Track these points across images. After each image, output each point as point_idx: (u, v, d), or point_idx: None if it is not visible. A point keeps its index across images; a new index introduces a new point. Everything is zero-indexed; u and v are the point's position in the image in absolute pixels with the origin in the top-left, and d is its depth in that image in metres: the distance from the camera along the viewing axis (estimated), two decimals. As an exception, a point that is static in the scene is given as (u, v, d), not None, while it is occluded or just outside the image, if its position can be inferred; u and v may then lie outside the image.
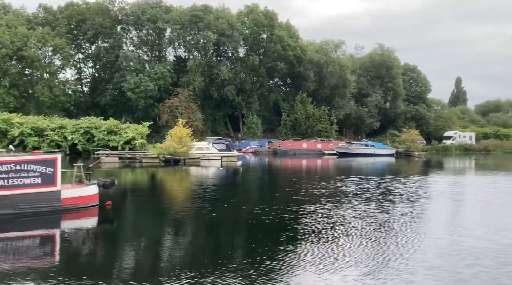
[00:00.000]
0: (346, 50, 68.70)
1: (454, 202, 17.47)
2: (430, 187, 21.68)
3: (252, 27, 62.59)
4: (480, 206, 16.21)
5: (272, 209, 14.44)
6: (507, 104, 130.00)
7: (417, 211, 14.54)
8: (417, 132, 55.83)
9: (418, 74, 78.79)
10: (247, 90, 61.86)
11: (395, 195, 18.10)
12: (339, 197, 17.43)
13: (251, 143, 56.53)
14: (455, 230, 11.91)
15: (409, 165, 41.12)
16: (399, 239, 10.63)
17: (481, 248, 9.82)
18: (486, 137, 71.80)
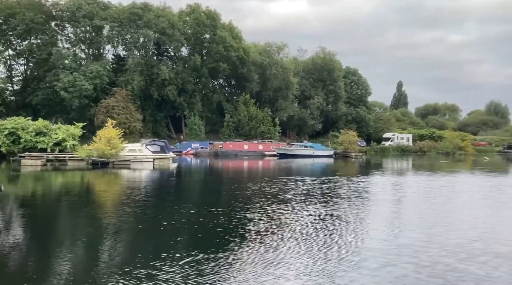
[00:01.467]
0: (289, 53, 69.60)
1: (389, 202, 17.65)
2: (356, 187, 21.93)
3: (194, 27, 61.71)
4: (411, 204, 16.49)
5: (203, 212, 13.87)
6: (444, 107, 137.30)
7: (341, 211, 14.49)
8: (355, 133, 57.20)
9: (359, 77, 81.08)
10: (189, 90, 60.83)
11: (330, 195, 18.07)
12: (277, 198, 17.22)
13: (193, 144, 55.59)
14: (391, 229, 11.88)
15: (345, 166, 41.92)
16: (338, 240, 10.60)
17: (425, 247, 9.79)
18: (422, 138, 74.93)
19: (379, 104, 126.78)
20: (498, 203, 17.62)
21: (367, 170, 37.74)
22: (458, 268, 8.56)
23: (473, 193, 20.66)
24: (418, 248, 10.01)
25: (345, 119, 75.94)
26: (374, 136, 76.94)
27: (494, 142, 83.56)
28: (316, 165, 41.76)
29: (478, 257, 9.38)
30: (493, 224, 13.18)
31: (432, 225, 12.84)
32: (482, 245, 10.39)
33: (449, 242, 10.56)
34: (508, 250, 10.03)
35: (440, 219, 13.73)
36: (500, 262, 9.01)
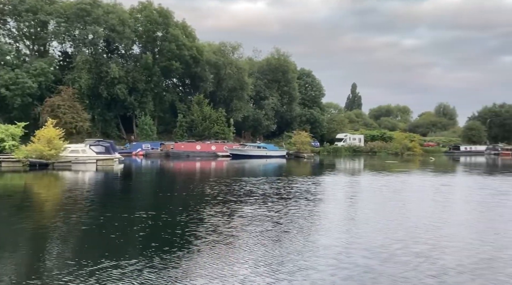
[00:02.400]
0: (243, 53, 69.21)
1: (326, 203, 17.56)
2: (298, 187, 21.84)
3: (146, 25, 60.15)
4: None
5: (131, 216, 13.12)
6: (396, 109, 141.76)
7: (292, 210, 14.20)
8: (307, 134, 57.69)
9: (313, 79, 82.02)
10: (141, 89, 59.16)
11: (270, 196, 17.77)
12: (216, 200, 16.82)
13: (143, 145, 54.10)
14: (318, 230, 11.63)
15: (295, 166, 42.12)
16: (262, 242, 10.32)
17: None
18: (373, 139, 76.71)
19: (334, 106, 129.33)
20: (432, 202, 18.01)
21: (315, 170, 38.05)
22: (376, 270, 8.44)
23: (410, 193, 21.08)
24: (341, 249, 9.87)
25: (300, 120, 76.53)
26: (328, 137, 78.01)
27: (442, 143, 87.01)
28: (268, 166, 41.70)
29: (399, 257, 9.34)
30: (422, 223, 13.34)
31: (362, 225, 12.82)
32: (405, 244, 10.39)
33: (373, 243, 10.50)
34: (429, 248, 10.07)
35: (370, 219, 13.77)
36: (420, 262, 8.99)
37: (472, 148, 76.55)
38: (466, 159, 61.25)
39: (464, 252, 9.91)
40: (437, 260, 9.18)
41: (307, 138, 56.57)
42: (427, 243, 10.64)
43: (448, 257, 9.43)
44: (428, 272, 8.36)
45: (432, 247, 10.22)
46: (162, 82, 64.45)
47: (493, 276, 8.27)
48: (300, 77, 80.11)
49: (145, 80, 60.18)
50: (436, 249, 10.11)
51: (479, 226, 13.11)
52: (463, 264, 8.96)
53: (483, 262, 9.11)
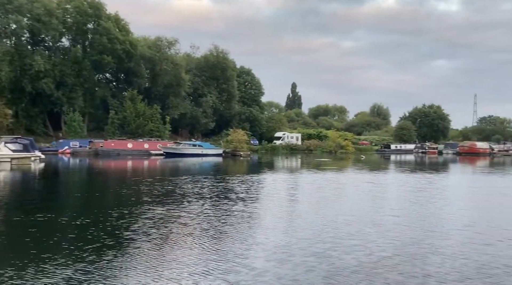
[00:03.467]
0: (180, 48, 67.78)
1: (241, 201, 17.08)
2: (224, 186, 21.33)
3: (76, 16, 57.02)
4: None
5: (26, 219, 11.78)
6: (333, 108, 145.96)
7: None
8: (243, 132, 57.51)
9: (253, 77, 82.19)
10: (69, 84, 56.03)
11: (188, 195, 17.00)
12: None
13: (71, 143, 51.23)
14: (215, 232, 11.00)
15: (229, 165, 41.69)
16: (159, 244, 9.58)
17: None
18: (310, 137, 78.27)
19: (275, 105, 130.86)
20: (350, 199, 18.19)
21: (248, 168, 37.84)
22: (270, 272, 8.04)
23: (333, 190, 21.26)
24: (242, 251, 9.40)
25: (239, 118, 76.36)
26: (267, 135, 78.55)
27: (375, 142, 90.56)
28: (203, 165, 40.97)
29: (297, 258, 9.03)
30: (333, 221, 13.27)
31: (272, 224, 12.50)
32: (307, 244, 10.14)
33: (279, 243, 10.17)
34: (325, 248, 9.88)
35: (284, 217, 13.51)
36: (313, 263, 8.72)
37: (402, 147, 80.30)
38: (396, 157, 64.03)
39: (366, 251, 9.81)
40: (337, 260, 8.97)
41: (243, 137, 56.38)
42: (331, 241, 10.47)
43: (347, 257, 9.26)
44: (322, 273, 8.09)
45: (334, 246, 10.04)
46: (93, 77, 61.49)
47: (387, 275, 8.16)
48: (239, 75, 79.95)
49: (75, 74, 57.08)
50: (338, 248, 9.94)
51: (388, 224, 13.24)
52: (361, 263, 8.81)
53: (382, 261, 9.02)
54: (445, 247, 10.32)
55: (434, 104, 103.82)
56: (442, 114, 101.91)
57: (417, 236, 11.46)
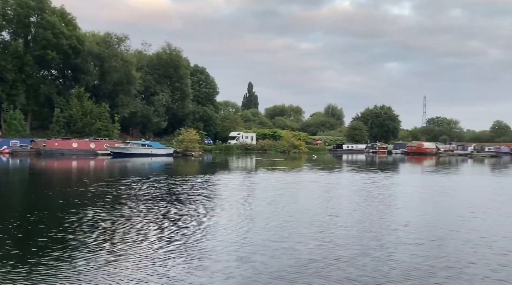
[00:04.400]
0: (130, 45, 65.65)
1: (177, 203, 16.33)
2: (162, 187, 20.49)
3: (17, 8, 53.81)
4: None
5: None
6: (289, 109, 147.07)
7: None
8: (195, 132, 56.41)
9: (207, 76, 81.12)
10: (10, 80, 52.81)
11: (122, 197, 16.01)
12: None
13: (10, 142, 48.29)
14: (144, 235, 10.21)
15: (179, 165, 40.76)
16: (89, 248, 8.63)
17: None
18: (265, 137, 78.28)
19: (231, 104, 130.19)
20: (288, 200, 17.92)
21: (196, 168, 37.07)
22: (182, 281, 7.46)
23: (275, 190, 20.96)
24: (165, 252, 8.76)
25: (193, 117, 75.07)
26: (222, 135, 77.76)
27: (329, 141, 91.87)
28: (152, 165, 39.78)
29: (213, 265, 8.50)
30: (264, 223, 12.87)
31: (203, 227, 11.92)
32: (233, 249, 9.64)
33: (195, 248, 9.60)
34: (252, 252, 9.43)
35: (218, 220, 12.98)
36: (233, 270, 8.22)
37: (354, 147, 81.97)
38: (347, 157, 65.17)
39: (293, 254, 9.44)
40: (260, 265, 8.53)
41: (195, 136, 55.29)
42: (260, 245, 10.03)
43: (271, 261, 8.83)
44: (240, 280, 7.61)
45: (261, 249, 9.60)
46: (37, 73, 58.37)
47: (309, 280, 7.78)
48: (193, 74, 78.69)
49: (16, 69, 53.87)
50: (266, 252, 9.51)
51: (324, 225, 12.98)
52: (285, 268, 8.41)
53: (308, 265, 8.66)
54: (376, 248, 10.14)
55: (385, 105, 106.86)
56: (393, 115, 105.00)
57: (350, 237, 11.25)
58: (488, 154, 75.71)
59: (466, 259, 9.37)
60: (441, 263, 9.08)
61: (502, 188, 25.39)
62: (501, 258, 9.56)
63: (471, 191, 23.16)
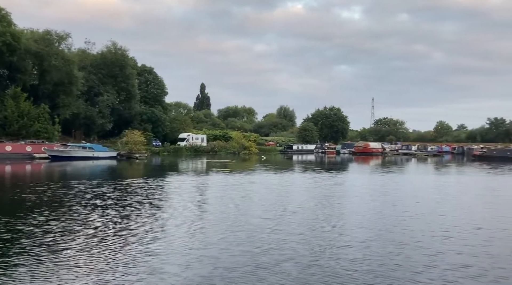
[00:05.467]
0: (72, 43, 62.53)
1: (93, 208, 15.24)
2: (92, 191, 19.27)
3: None
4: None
5: None
6: (243, 110, 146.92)
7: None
8: (140, 133, 54.49)
9: (155, 76, 78.96)
10: None
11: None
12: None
13: None
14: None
15: (124, 168, 39.25)
16: None
17: None
18: (216, 138, 77.32)
19: (183, 105, 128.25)
20: (221, 203, 17.36)
21: (139, 171, 35.73)
22: None
23: (210, 193, 20.34)
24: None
25: (140, 118, 72.72)
26: (171, 137, 75.96)
27: (281, 142, 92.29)
28: (93, 168, 37.98)
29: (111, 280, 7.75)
30: (188, 228, 12.22)
31: (125, 234, 11.07)
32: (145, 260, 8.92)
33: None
34: (163, 262, 8.76)
35: (141, 226, 12.16)
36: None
37: (304, 147, 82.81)
38: (297, 157, 65.62)
39: (201, 265, 8.86)
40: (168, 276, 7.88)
41: (140, 138, 53.41)
42: (175, 253, 9.37)
43: (181, 271, 8.20)
44: None
45: (169, 259, 8.95)
46: (-33, 71, 54.36)
47: None
48: (141, 74, 76.40)
49: None
50: (176, 261, 8.87)
51: (250, 230, 12.51)
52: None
53: (212, 278, 8.09)
54: (293, 254, 9.75)
55: (334, 107, 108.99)
56: (342, 116, 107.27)
57: (279, 241, 10.80)
58: (430, 154, 78.89)
59: (391, 262, 9.17)
60: (365, 266, 8.82)
61: (437, 187, 26.11)
62: (426, 259, 9.44)
63: (408, 191, 23.60)
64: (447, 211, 15.94)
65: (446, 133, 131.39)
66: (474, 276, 8.33)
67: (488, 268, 8.86)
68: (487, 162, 56.27)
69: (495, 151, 66.18)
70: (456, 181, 29.56)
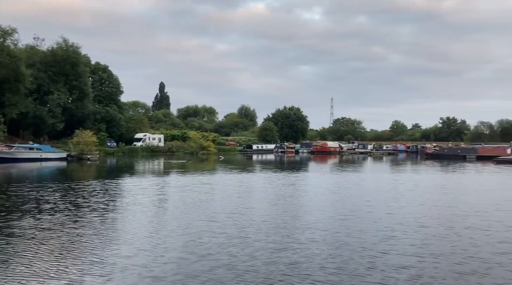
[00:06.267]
0: (19, 39, 59.27)
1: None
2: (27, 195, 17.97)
3: None
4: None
5: None
6: (203, 109, 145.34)
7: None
8: (92, 133, 52.31)
9: (110, 74, 76.34)
10: None
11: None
12: None
13: None
14: None
15: (75, 170, 37.44)
16: None
17: None
18: (174, 138, 75.84)
19: (141, 105, 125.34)
20: (165, 204, 16.62)
21: (88, 174, 34.15)
22: None
23: (154, 195, 19.51)
24: None
25: (94, 118, 70.07)
26: (127, 137, 73.77)
27: (242, 142, 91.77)
28: (40, 170, 36.01)
29: None
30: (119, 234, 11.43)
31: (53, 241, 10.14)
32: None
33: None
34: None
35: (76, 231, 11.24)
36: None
37: (263, 147, 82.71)
38: (257, 157, 65.34)
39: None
40: None
41: (92, 138, 51.26)
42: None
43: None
44: None
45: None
46: None
47: None
48: (94, 72, 73.74)
49: None
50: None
51: (191, 233, 11.86)
52: None
53: None
54: (230, 260, 9.21)
55: (294, 106, 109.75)
56: (301, 115, 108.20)
57: (210, 247, 10.21)
58: (386, 152, 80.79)
59: (332, 265, 8.80)
60: (303, 269, 8.39)
61: (388, 186, 26.37)
62: (368, 260, 9.13)
63: (359, 190, 23.64)
64: (395, 210, 15.91)
65: (402, 132, 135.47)
66: (412, 278, 8.07)
67: (429, 268, 8.67)
68: (438, 160, 58.14)
69: (446, 150, 68.52)
70: (407, 180, 30.04)
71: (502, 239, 11.39)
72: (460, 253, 9.87)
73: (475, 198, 19.86)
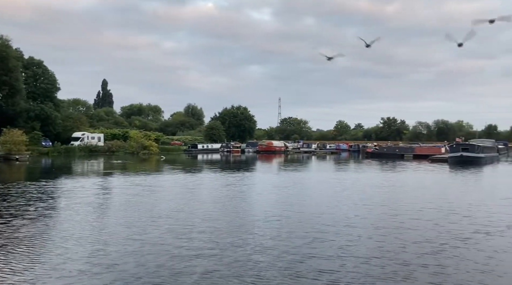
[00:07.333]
0: None
1: None
2: None
3: None
4: None
5: None
6: (148, 108, 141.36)
7: None
8: (21, 132, 48.80)
9: (45, 70, 71.94)
10: None
11: None
12: None
13: None
14: None
15: (3, 172, 34.57)
16: None
17: None
18: (115, 138, 72.84)
19: (82, 102, 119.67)
20: (91, 206, 15.41)
21: (12, 175, 31.66)
22: None
23: (82, 198, 18.17)
24: None
25: (27, 116, 65.69)
26: (64, 136, 69.84)
27: (188, 142, 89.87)
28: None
29: None
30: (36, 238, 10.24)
31: None
32: None
33: None
34: None
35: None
36: None
37: (209, 146, 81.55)
38: (202, 157, 64.13)
39: None
40: None
41: (21, 137, 47.79)
42: None
43: None
44: None
45: None
46: None
47: None
48: (27, 67, 69.17)
49: None
50: None
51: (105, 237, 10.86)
52: None
53: None
54: (137, 270, 8.39)
55: (241, 106, 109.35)
56: (248, 115, 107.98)
57: (122, 256, 9.32)
58: (329, 151, 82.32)
59: (239, 277, 8.21)
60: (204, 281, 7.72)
61: (326, 185, 26.43)
62: (284, 264, 8.63)
63: (296, 190, 23.43)
64: (327, 210, 15.69)
65: (345, 132, 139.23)
66: (331, 282, 7.65)
67: (349, 271, 8.29)
68: (378, 158, 59.88)
69: (385, 149, 70.81)
70: (345, 178, 30.33)
71: (430, 238, 11.33)
72: (385, 256, 9.62)
73: (407, 196, 20.19)
